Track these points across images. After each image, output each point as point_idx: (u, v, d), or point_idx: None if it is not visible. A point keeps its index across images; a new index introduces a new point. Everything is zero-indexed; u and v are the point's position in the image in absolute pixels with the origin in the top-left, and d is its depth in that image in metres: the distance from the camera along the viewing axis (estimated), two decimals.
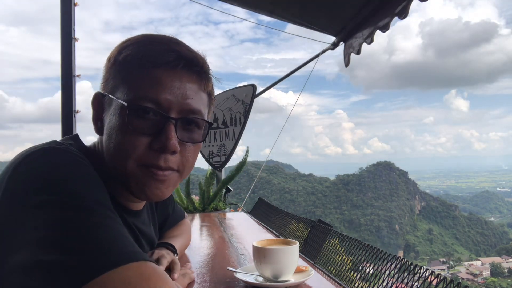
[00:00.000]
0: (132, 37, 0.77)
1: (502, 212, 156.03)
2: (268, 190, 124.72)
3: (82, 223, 0.52)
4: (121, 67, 0.74)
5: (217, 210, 2.88)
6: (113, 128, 0.72)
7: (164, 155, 0.71)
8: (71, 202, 0.54)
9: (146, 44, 0.74)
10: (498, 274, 76.08)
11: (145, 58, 0.72)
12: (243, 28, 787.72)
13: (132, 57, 0.73)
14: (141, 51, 0.73)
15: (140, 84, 0.71)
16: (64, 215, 0.52)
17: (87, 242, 0.50)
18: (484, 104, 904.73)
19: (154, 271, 0.52)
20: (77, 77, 2.75)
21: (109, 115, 0.74)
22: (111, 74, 0.75)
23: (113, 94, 0.73)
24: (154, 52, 0.72)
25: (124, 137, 0.70)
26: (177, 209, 1.39)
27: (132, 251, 0.52)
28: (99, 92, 0.78)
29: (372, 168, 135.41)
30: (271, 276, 1.01)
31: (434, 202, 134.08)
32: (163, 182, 0.74)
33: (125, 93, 0.71)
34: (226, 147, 3.14)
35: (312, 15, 2.87)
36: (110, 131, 0.73)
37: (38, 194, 0.54)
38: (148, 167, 0.72)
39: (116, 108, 0.72)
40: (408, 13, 2.12)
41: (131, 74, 0.72)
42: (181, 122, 0.73)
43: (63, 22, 2.69)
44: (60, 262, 0.47)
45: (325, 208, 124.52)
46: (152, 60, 0.71)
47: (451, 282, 0.87)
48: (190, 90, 0.74)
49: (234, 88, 3.21)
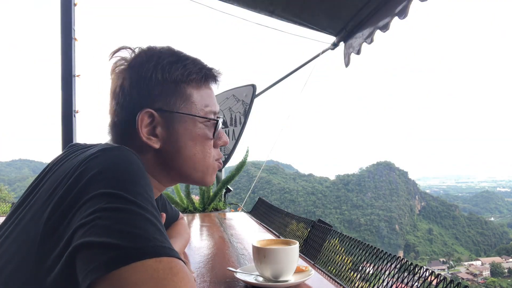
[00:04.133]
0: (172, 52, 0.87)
1: (502, 212, 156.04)
2: (268, 190, 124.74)
3: (132, 215, 0.57)
4: (182, 87, 0.85)
5: (217, 210, 2.89)
6: (191, 137, 0.86)
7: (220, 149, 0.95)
8: (126, 195, 0.58)
9: (197, 63, 0.88)
10: (498, 274, 76.08)
11: (204, 78, 0.88)
12: (243, 28, 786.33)
13: (188, 76, 0.85)
14: (198, 70, 0.87)
15: (204, 100, 0.88)
16: (117, 206, 0.57)
17: (132, 232, 0.54)
18: None
19: (182, 269, 0.56)
20: (77, 77, 2.75)
21: (178, 129, 0.85)
22: (170, 93, 0.84)
23: (176, 109, 0.85)
24: (208, 72, 0.89)
25: (206, 144, 0.88)
26: (171, 208, 1.40)
27: (168, 247, 0.56)
28: (158, 108, 0.83)
29: (372, 168, 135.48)
30: (271, 276, 1.01)
31: (434, 202, 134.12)
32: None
33: (193, 110, 0.86)
34: (226, 147, 3.14)
35: (312, 15, 2.87)
36: (184, 141, 0.86)
37: (99, 187, 0.59)
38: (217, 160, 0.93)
39: (192, 123, 0.86)
40: (408, 13, 2.13)
41: (194, 93, 0.87)
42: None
43: (63, 22, 2.69)
44: (103, 243, 0.51)
45: (325, 208, 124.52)
46: (208, 79, 0.90)
47: (451, 282, 0.87)
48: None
49: (234, 88, 3.21)
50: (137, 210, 0.58)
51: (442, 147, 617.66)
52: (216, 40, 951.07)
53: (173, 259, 0.55)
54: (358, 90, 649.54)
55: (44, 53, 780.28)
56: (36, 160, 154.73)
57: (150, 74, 0.82)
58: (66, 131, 2.70)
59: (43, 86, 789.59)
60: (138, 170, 0.66)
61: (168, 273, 0.52)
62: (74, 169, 0.64)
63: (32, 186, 0.74)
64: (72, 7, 2.70)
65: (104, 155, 0.65)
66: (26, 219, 0.64)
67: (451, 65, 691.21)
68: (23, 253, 0.60)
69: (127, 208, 0.57)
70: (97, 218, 0.54)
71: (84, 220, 0.54)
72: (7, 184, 32.94)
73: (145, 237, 0.54)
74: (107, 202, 0.56)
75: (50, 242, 0.57)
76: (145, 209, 0.59)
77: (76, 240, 0.53)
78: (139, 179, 0.63)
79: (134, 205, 0.58)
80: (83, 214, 0.56)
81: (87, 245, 0.52)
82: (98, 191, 0.58)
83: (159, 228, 0.58)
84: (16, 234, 0.64)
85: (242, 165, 2.97)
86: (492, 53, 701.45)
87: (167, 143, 0.84)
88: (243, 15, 3.08)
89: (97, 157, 0.64)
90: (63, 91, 2.71)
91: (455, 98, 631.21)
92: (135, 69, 0.83)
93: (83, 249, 0.52)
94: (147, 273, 0.51)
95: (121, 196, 0.58)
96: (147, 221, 0.57)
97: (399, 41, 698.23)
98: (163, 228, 0.61)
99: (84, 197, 0.58)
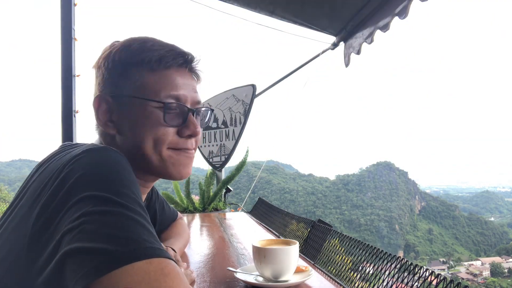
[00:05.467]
0: (131, 39, 0.84)
1: (502, 212, 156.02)
2: (268, 190, 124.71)
3: (119, 218, 0.56)
4: (133, 70, 0.81)
5: (217, 210, 2.89)
6: (142, 123, 0.80)
7: (191, 140, 0.86)
8: (113, 197, 0.58)
9: (157, 48, 0.82)
10: (498, 274, 76.06)
11: (163, 62, 0.81)
12: (243, 28, 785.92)
13: (149, 61, 0.81)
14: (156, 56, 0.81)
15: (162, 84, 0.81)
16: (104, 209, 0.56)
17: (120, 235, 0.54)
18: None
19: (174, 269, 0.55)
20: (77, 77, 2.75)
21: (129, 113, 0.81)
22: (123, 76, 0.81)
23: (130, 94, 0.81)
24: (168, 56, 0.82)
25: (157, 130, 0.80)
26: (169, 208, 1.40)
27: (157, 248, 0.56)
28: (107, 94, 0.83)
29: (372, 168, 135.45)
30: (271, 276, 1.01)
31: (434, 202, 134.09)
32: (192, 159, 0.88)
33: (145, 92, 0.80)
34: (226, 147, 3.14)
35: (312, 15, 2.87)
36: (137, 127, 0.81)
37: (85, 189, 0.58)
38: (177, 150, 0.84)
39: (142, 106, 0.80)
40: (408, 13, 2.12)
41: (147, 76, 0.81)
42: (196, 112, 0.87)
43: (63, 22, 2.69)
44: (92, 248, 0.51)
45: (325, 208, 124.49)
46: (167, 63, 0.82)
47: (451, 282, 0.87)
48: (194, 85, 0.88)
49: (234, 88, 3.21)
50: (124, 211, 0.57)
51: (442, 147, 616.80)
52: (216, 40, 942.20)
53: (163, 259, 0.55)
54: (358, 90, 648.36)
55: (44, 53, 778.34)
56: (36, 160, 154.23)
57: (105, 62, 0.83)
58: (66, 131, 2.70)
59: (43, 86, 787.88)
60: (123, 170, 0.65)
61: (159, 274, 0.52)
62: (60, 170, 0.63)
63: (23, 185, 0.74)
64: (72, 7, 2.70)
65: (88, 156, 0.64)
66: (17, 220, 0.64)
67: (451, 65, 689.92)
68: (15, 253, 0.60)
69: (114, 210, 0.57)
70: (84, 222, 0.54)
71: (72, 225, 0.54)
72: (7, 184, 32.94)
73: (133, 239, 0.54)
74: (94, 205, 0.56)
75: (39, 243, 0.57)
76: (132, 210, 0.58)
77: (65, 245, 0.53)
78: (124, 179, 0.63)
79: (121, 206, 0.58)
80: (70, 217, 0.55)
81: (76, 251, 0.52)
82: (84, 193, 0.58)
83: (147, 229, 0.58)
84: (7, 234, 0.64)
85: (242, 165, 2.97)
86: (492, 53, 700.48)
87: (121, 129, 0.82)
88: (243, 15, 3.08)
89: (82, 158, 0.64)
90: (63, 91, 2.71)
91: (455, 98, 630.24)
92: (98, 61, 0.85)
93: (72, 255, 0.52)
94: (138, 275, 0.51)
95: (107, 199, 0.58)
96: (135, 223, 0.57)
97: (399, 41, 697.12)
98: (152, 227, 0.61)
99: (71, 199, 0.58)
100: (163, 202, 1.36)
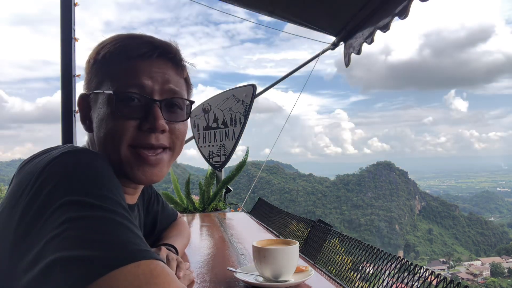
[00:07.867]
0: (108, 37, 0.83)
1: (502, 212, 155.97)
2: (268, 190, 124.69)
3: (102, 222, 0.55)
4: (101, 65, 0.79)
5: (217, 210, 2.88)
6: (102, 118, 0.76)
7: (154, 134, 0.76)
8: (94, 202, 0.57)
9: (122, 40, 0.80)
10: (498, 274, 76.04)
11: (123, 53, 0.77)
12: (243, 28, 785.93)
13: (111, 54, 0.78)
14: (118, 47, 0.78)
15: (122, 75, 0.76)
16: (86, 214, 0.55)
17: (104, 240, 0.53)
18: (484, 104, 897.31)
19: (163, 270, 0.54)
20: (77, 77, 2.75)
21: (97, 110, 0.79)
22: (93, 74, 0.81)
23: (98, 90, 0.79)
24: (131, 46, 0.78)
25: (114, 124, 0.75)
26: (168, 208, 1.40)
27: (144, 250, 0.55)
28: (84, 93, 0.83)
29: (372, 168, 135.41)
30: (271, 276, 1.01)
31: (434, 202, 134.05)
32: (155, 165, 0.78)
33: (109, 85, 0.76)
34: (226, 147, 3.13)
35: (312, 15, 2.87)
36: (100, 123, 0.77)
37: (66, 194, 0.57)
38: (139, 149, 0.76)
39: (103, 100, 0.77)
40: (408, 13, 2.12)
41: (112, 69, 0.77)
42: (165, 103, 0.78)
43: (63, 22, 2.69)
44: (77, 257, 0.50)
45: (325, 208, 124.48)
46: (130, 53, 0.77)
47: (451, 282, 0.87)
48: (168, 74, 0.80)
49: (234, 88, 3.21)
50: (107, 215, 0.56)
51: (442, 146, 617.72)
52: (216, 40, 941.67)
53: (151, 261, 0.53)
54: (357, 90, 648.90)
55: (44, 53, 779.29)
56: None
57: (87, 62, 0.83)
58: (66, 131, 2.70)
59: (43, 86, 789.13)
60: (102, 171, 0.64)
61: (149, 277, 0.51)
62: (38, 173, 0.62)
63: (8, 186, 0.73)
64: (72, 7, 2.70)
65: (65, 159, 0.63)
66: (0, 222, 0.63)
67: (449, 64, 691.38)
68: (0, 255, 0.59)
69: (96, 215, 0.55)
70: (67, 229, 0.53)
71: (55, 232, 0.53)
72: (7, 184, 32.91)
73: (118, 243, 0.53)
74: (75, 211, 0.55)
75: (21, 248, 0.56)
76: (114, 212, 0.57)
77: (50, 253, 0.51)
78: (104, 181, 0.62)
79: (103, 210, 0.56)
80: (53, 224, 0.54)
81: (62, 260, 0.50)
82: (65, 198, 0.56)
83: (132, 230, 0.57)
84: None
85: (242, 165, 2.96)
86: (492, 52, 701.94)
87: (93, 126, 0.81)
88: (243, 15, 3.08)
89: (59, 162, 0.62)
90: (63, 91, 2.71)
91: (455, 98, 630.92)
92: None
93: (58, 264, 0.50)
94: (127, 280, 0.50)
95: (88, 203, 0.56)
96: (119, 226, 0.56)
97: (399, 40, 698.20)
98: (137, 228, 0.60)
99: (52, 205, 0.56)
100: (163, 202, 1.36)
